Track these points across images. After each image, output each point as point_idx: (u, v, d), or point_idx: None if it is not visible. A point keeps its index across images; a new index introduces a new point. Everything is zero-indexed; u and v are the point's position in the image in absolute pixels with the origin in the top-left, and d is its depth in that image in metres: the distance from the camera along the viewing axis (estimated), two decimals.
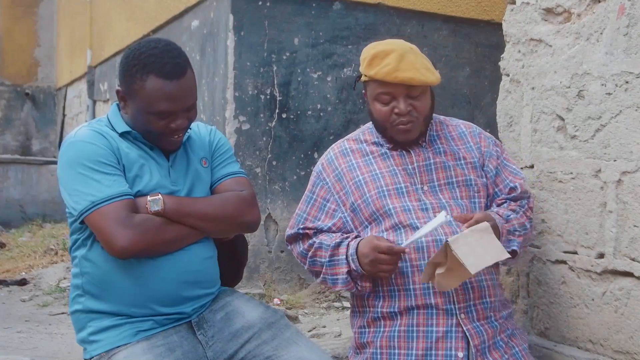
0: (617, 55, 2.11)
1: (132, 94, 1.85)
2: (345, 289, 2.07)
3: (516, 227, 2.09)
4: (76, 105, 10.02)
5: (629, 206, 2.07)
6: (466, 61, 5.04)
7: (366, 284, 2.04)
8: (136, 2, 6.76)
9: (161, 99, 1.82)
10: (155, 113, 1.83)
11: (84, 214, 1.78)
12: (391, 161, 2.12)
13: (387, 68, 1.98)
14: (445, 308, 1.99)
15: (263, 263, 4.50)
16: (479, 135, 2.20)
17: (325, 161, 2.21)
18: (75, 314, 1.92)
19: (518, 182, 2.15)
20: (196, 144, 2.03)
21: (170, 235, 1.83)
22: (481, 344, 1.98)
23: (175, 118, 1.85)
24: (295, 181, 4.59)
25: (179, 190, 1.92)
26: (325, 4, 4.70)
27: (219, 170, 2.03)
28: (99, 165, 1.80)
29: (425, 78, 2.00)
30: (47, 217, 8.64)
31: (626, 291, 2.09)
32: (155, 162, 1.91)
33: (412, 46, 2.07)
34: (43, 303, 4.62)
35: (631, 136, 2.06)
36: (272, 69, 4.55)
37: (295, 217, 2.21)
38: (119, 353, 1.81)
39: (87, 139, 1.85)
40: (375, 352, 2.04)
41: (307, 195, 2.21)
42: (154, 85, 1.81)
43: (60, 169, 1.85)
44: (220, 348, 1.90)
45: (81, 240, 1.89)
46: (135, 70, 1.83)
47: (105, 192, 1.77)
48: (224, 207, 1.93)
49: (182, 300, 1.89)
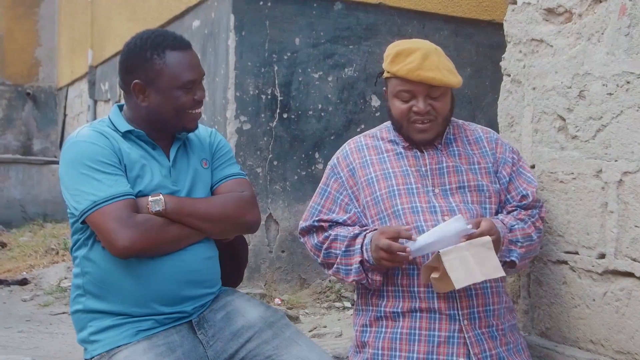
0: (619, 56, 2.11)
1: (155, 77, 1.87)
2: (357, 279, 2.04)
3: (519, 237, 2.07)
4: (77, 105, 10.03)
5: (630, 206, 2.07)
6: (467, 61, 5.04)
7: (377, 277, 2.02)
8: (137, 2, 6.76)
9: (185, 68, 1.88)
10: (182, 85, 1.88)
11: (86, 214, 1.78)
12: (405, 161, 2.12)
13: (410, 65, 1.99)
14: (449, 313, 1.98)
15: (264, 263, 4.50)
16: (496, 141, 2.20)
17: (340, 155, 2.21)
18: (76, 314, 1.92)
19: (530, 190, 2.14)
20: (196, 145, 2.04)
21: (172, 235, 1.84)
22: (481, 352, 1.97)
23: (197, 89, 1.92)
24: (296, 181, 4.59)
25: (180, 190, 1.92)
26: (326, 4, 4.70)
27: (219, 171, 2.04)
28: (101, 165, 1.81)
29: (447, 79, 2.00)
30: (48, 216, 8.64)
31: (627, 291, 2.09)
32: (156, 162, 1.92)
33: (437, 47, 2.08)
34: (44, 303, 4.62)
35: (632, 136, 2.06)
36: (273, 69, 4.55)
37: (309, 209, 2.19)
38: (120, 353, 1.81)
39: (89, 139, 1.85)
40: (376, 354, 2.03)
41: (321, 187, 2.20)
42: (175, 57, 1.88)
43: (62, 168, 1.86)
44: (221, 347, 1.90)
45: (82, 240, 1.89)
46: (150, 53, 1.87)
47: (107, 192, 1.78)
48: (224, 208, 1.94)
49: (182, 299, 1.89)
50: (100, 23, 8.53)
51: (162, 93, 1.88)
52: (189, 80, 1.89)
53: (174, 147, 1.98)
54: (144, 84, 1.89)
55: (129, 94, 1.93)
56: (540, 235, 2.17)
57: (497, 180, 2.14)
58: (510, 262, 2.08)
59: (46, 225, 8.09)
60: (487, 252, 1.86)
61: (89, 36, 8.84)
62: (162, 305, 1.86)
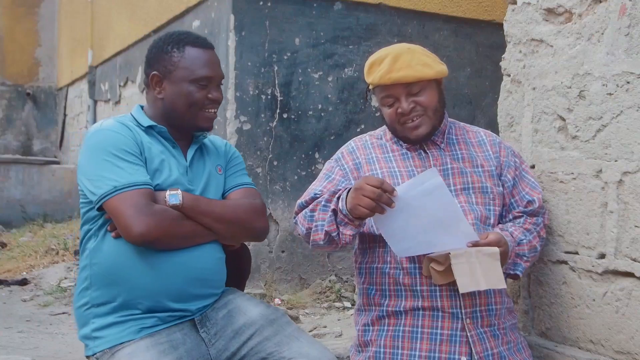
0: (618, 56, 2.11)
1: (171, 68, 1.95)
2: (328, 230, 1.96)
3: (526, 252, 2.10)
4: (77, 105, 10.03)
5: (630, 206, 2.07)
6: (467, 61, 5.05)
7: (348, 231, 1.94)
8: (137, 2, 6.76)
9: (201, 65, 1.95)
10: (196, 80, 1.94)
11: (105, 198, 1.80)
12: (410, 162, 2.12)
13: (381, 72, 2.02)
14: (452, 312, 1.99)
15: (264, 263, 4.50)
16: (499, 144, 2.20)
17: (345, 150, 2.21)
18: (80, 309, 1.93)
19: (536, 197, 2.15)
20: (212, 152, 2.10)
21: (185, 230, 1.87)
22: (483, 351, 1.98)
23: (213, 88, 1.98)
24: (296, 181, 4.59)
25: (194, 190, 1.96)
26: (326, 4, 4.70)
27: (232, 179, 2.10)
28: (124, 153, 1.85)
29: (421, 74, 2.01)
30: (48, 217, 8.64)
31: (627, 291, 2.09)
32: (175, 160, 1.97)
33: (411, 46, 2.08)
34: (44, 303, 4.62)
35: (632, 136, 2.06)
36: (273, 69, 4.55)
37: (308, 191, 2.14)
38: (123, 350, 1.82)
39: (113, 128, 1.91)
40: (378, 351, 2.04)
41: (325, 174, 2.17)
42: (193, 53, 1.96)
43: (83, 155, 1.89)
44: (223, 346, 1.92)
45: (93, 231, 1.91)
46: (171, 47, 1.96)
47: (128, 179, 1.81)
48: (236, 212, 1.98)
49: (189, 297, 1.91)
50: (100, 23, 8.53)
51: (176, 85, 1.95)
52: (204, 76, 1.95)
53: (192, 149, 2.03)
54: (160, 76, 1.96)
55: (148, 87, 2.00)
56: (542, 243, 2.20)
57: (500, 183, 2.15)
58: (513, 274, 2.11)
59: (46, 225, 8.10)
60: (494, 262, 1.89)
61: (89, 36, 8.84)
62: (170, 300, 1.88)
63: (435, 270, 1.91)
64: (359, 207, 1.85)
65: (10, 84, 11.32)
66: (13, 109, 11.37)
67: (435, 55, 2.12)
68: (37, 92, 11.46)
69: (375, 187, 1.82)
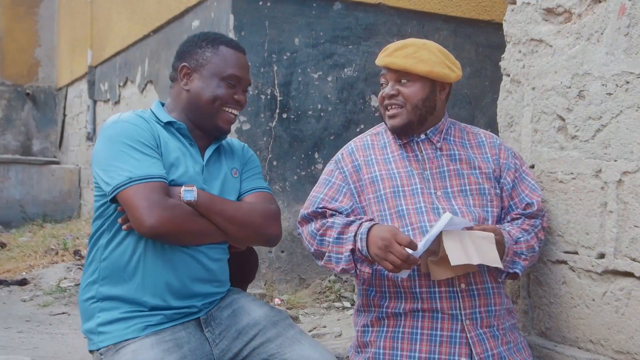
0: (618, 56, 2.11)
1: (203, 62, 1.97)
2: (346, 269, 2.00)
3: (524, 250, 2.08)
4: (77, 105, 10.03)
5: (630, 206, 2.07)
6: (467, 61, 5.05)
7: (366, 269, 1.98)
8: (137, 2, 6.77)
9: (233, 64, 1.98)
10: (226, 77, 1.96)
11: (119, 189, 1.79)
12: (408, 163, 2.12)
13: (383, 54, 2.09)
14: (451, 313, 1.98)
15: (264, 263, 4.50)
16: (499, 146, 2.20)
17: (345, 152, 2.21)
18: (86, 302, 1.92)
19: (535, 199, 2.14)
20: (229, 155, 2.10)
21: (197, 227, 1.85)
22: (484, 352, 1.98)
23: (239, 90, 2.00)
24: (295, 181, 4.59)
25: (208, 190, 1.95)
26: (325, 4, 4.70)
27: (248, 182, 2.08)
28: (141, 145, 1.84)
29: (408, 65, 2.03)
30: (47, 217, 8.65)
31: (627, 291, 2.09)
32: (191, 158, 1.96)
33: (428, 43, 2.11)
34: (43, 303, 4.62)
35: (632, 136, 2.06)
36: (272, 69, 4.55)
37: (310, 199, 2.14)
38: (127, 347, 1.82)
39: (131, 120, 1.90)
40: (377, 352, 2.03)
41: (325, 179, 2.17)
42: (227, 52, 1.99)
43: (100, 145, 1.88)
44: (227, 346, 1.92)
45: (106, 225, 1.90)
46: (206, 43, 1.99)
47: (144, 171, 1.80)
48: (251, 215, 1.96)
49: (194, 295, 1.91)
50: (100, 23, 8.53)
51: (205, 80, 1.96)
52: (233, 74, 1.97)
53: (210, 148, 2.02)
54: (190, 69, 1.98)
55: (175, 80, 2.01)
56: (541, 245, 2.19)
57: (498, 185, 2.14)
58: (512, 273, 2.09)
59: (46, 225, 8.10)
60: (489, 244, 1.88)
61: (89, 36, 8.84)
62: (175, 297, 1.88)
63: (432, 263, 1.90)
64: (385, 262, 1.86)
65: (9, 84, 11.32)
66: (13, 109, 11.37)
67: (452, 60, 2.13)
68: (37, 92, 11.46)
69: (403, 251, 1.82)
